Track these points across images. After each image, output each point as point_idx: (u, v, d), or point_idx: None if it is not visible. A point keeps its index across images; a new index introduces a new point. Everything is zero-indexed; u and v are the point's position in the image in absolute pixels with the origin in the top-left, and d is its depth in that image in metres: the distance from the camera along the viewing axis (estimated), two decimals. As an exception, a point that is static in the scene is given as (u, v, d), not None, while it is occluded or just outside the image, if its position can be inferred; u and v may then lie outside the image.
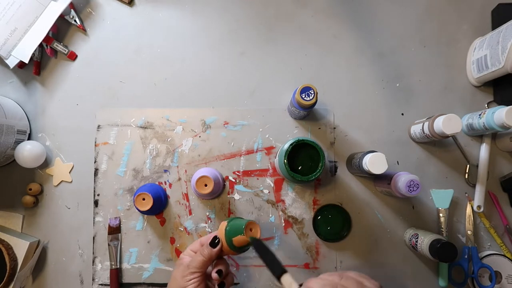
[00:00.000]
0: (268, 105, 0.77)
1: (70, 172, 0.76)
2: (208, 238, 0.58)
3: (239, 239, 0.56)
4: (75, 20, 0.77)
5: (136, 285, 0.74)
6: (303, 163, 0.64)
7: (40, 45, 0.75)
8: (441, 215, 0.72)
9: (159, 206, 0.73)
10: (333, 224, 0.73)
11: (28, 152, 0.71)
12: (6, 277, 0.69)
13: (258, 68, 0.78)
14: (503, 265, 0.70)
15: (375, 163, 0.62)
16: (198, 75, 0.78)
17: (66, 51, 0.77)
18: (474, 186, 0.74)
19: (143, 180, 0.76)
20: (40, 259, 0.75)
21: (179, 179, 0.75)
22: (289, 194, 0.75)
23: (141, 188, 0.72)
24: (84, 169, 0.76)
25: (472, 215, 0.73)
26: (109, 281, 0.73)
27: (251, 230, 0.56)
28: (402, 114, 0.76)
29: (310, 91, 0.66)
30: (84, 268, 0.75)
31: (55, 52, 0.78)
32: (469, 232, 0.73)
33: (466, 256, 0.71)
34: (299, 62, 0.78)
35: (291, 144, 0.62)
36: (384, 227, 0.74)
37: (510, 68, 0.64)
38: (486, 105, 0.75)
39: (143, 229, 0.75)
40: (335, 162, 0.75)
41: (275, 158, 0.73)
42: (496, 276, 0.69)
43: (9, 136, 0.70)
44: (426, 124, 0.67)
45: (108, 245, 0.74)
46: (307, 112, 0.71)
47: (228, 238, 0.56)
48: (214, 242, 0.56)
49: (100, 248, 0.75)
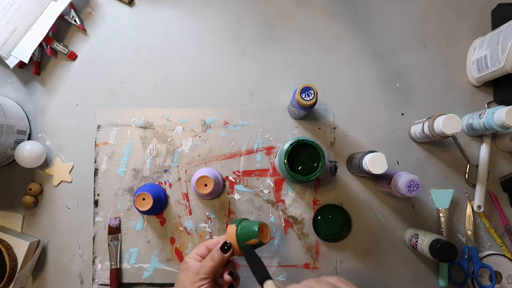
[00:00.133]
0: (268, 105, 0.77)
1: (70, 172, 0.76)
2: (215, 243, 0.57)
3: (252, 243, 0.56)
4: (75, 20, 0.77)
5: (136, 285, 0.74)
6: (303, 163, 0.64)
7: (40, 45, 0.75)
8: (441, 215, 0.72)
9: (159, 206, 0.73)
10: (333, 224, 0.73)
11: (28, 152, 0.71)
12: (6, 277, 0.69)
13: (258, 68, 0.78)
14: (503, 265, 0.70)
15: (375, 163, 0.62)
16: (198, 75, 0.78)
17: (66, 51, 0.77)
18: (474, 186, 0.74)
19: (143, 180, 0.76)
20: (40, 259, 0.75)
21: (179, 179, 0.75)
22: (289, 194, 0.75)
23: (141, 188, 0.72)
24: (84, 169, 0.76)
25: (472, 215, 0.73)
26: (109, 281, 0.73)
27: (262, 232, 0.57)
28: (402, 114, 0.76)
29: (310, 91, 0.66)
30: (84, 268, 0.75)
31: (55, 52, 0.78)
32: (469, 232, 0.73)
33: (466, 256, 0.71)
34: (299, 62, 0.78)
35: (291, 144, 0.62)
36: (384, 227, 0.74)
37: (510, 68, 0.64)
38: (486, 105, 0.75)
39: (143, 229, 0.75)
40: (335, 162, 0.75)
41: (275, 158, 0.73)
42: (496, 276, 0.69)
43: (9, 136, 0.70)
44: (426, 124, 0.67)
45: (108, 245, 0.74)
46: (307, 112, 0.71)
47: (241, 242, 0.56)
48: (225, 248, 0.55)
49: (100, 248, 0.75)
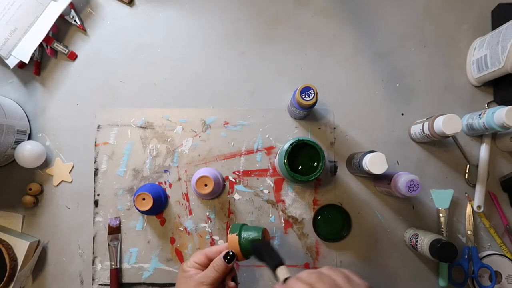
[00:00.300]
0: (268, 105, 0.77)
1: (70, 172, 0.76)
2: (214, 252, 0.57)
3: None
4: (75, 20, 0.77)
5: (136, 285, 0.74)
6: (303, 163, 0.64)
7: (40, 45, 0.75)
8: (441, 215, 0.72)
9: (159, 206, 0.73)
10: (333, 224, 0.73)
11: (28, 152, 0.71)
12: (6, 277, 0.69)
13: (258, 68, 0.78)
14: (503, 265, 0.70)
15: (375, 163, 0.62)
16: (198, 75, 0.78)
17: (66, 51, 0.77)
18: (474, 186, 0.74)
19: (143, 180, 0.76)
20: (40, 259, 0.75)
21: (179, 179, 0.75)
22: (289, 194, 0.75)
23: (141, 188, 0.72)
24: (84, 169, 0.76)
25: (472, 215, 0.73)
26: (109, 281, 0.73)
27: (264, 238, 0.58)
28: (402, 114, 0.76)
29: (310, 91, 0.66)
30: (84, 268, 0.75)
31: (55, 52, 0.78)
32: (469, 232, 0.73)
33: (466, 256, 0.71)
34: (299, 62, 0.78)
35: (291, 144, 0.62)
36: (384, 227, 0.74)
37: (510, 68, 0.64)
38: (486, 105, 0.75)
39: (143, 229, 0.75)
40: (335, 162, 0.75)
41: (275, 158, 0.73)
42: (496, 276, 0.69)
43: (9, 136, 0.70)
44: (426, 124, 0.67)
45: (108, 245, 0.74)
46: (307, 112, 0.71)
47: (244, 250, 0.57)
48: (228, 257, 0.56)
49: (100, 248, 0.74)
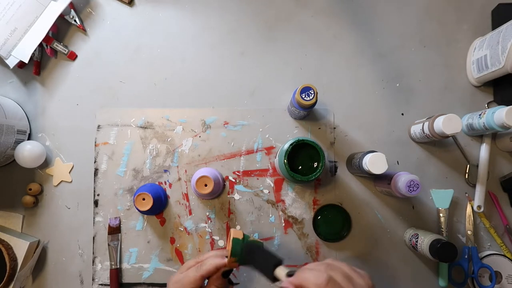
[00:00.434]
0: (268, 105, 0.77)
1: (70, 172, 0.76)
2: (202, 269, 0.55)
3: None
4: (75, 20, 0.77)
5: (136, 285, 0.74)
6: (303, 163, 0.64)
7: (40, 45, 0.75)
8: (441, 215, 0.72)
9: (159, 206, 0.73)
10: (333, 224, 0.73)
11: (28, 152, 0.71)
12: (6, 277, 0.69)
13: (258, 68, 0.78)
14: (503, 265, 0.70)
15: (375, 163, 0.62)
16: (198, 75, 0.78)
17: (66, 51, 0.77)
18: (474, 186, 0.74)
19: (143, 180, 0.76)
20: (40, 259, 0.75)
21: (179, 179, 0.75)
22: (289, 194, 0.75)
23: (141, 188, 0.72)
24: (84, 169, 0.76)
25: (472, 215, 0.73)
26: (109, 281, 0.73)
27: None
28: (402, 114, 0.76)
29: (310, 91, 0.66)
30: (84, 268, 0.75)
31: (55, 52, 0.78)
32: (469, 232, 0.73)
33: (466, 256, 0.71)
34: (299, 62, 0.78)
35: (291, 144, 0.62)
36: (384, 227, 0.74)
37: (510, 68, 0.64)
38: (486, 105, 0.75)
39: (143, 229, 0.75)
40: (335, 162, 0.75)
41: (275, 158, 0.73)
42: (496, 276, 0.69)
43: (9, 136, 0.70)
44: (426, 124, 0.67)
45: (108, 245, 0.74)
46: (307, 112, 0.71)
47: (235, 252, 0.55)
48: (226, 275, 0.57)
49: (100, 248, 0.74)
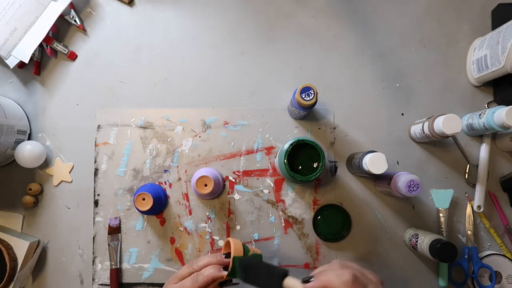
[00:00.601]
0: (268, 105, 0.77)
1: (70, 172, 0.76)
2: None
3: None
4: (75, 20, 0.77)
5: (136, 285, 0.74)
6: (303, 163, 0.64)
7: (40, 45, 0.75)
8: (441, 215, 0.72)
9: (159, 206, 0.73)
10: (333, 224, 0.73)
11: (28, 152, 0.71)
12: (6, 277, 0.69)
13: (258, 68, 0.78)
14: (503, 265, 0.70)
15: (375, 163, 0.62)
16: (198, 75, 0.78)
17: (66, 51, 0.77)
18: (474, 186, 0.74)
19: (143, 180, 0.76)
20: (40, 259, 0.75)
21: (179, 179, 0.75)
22: (289, 194, 0.75)
23: (141, 188, 0.72)
24: (84, 169, 0.76)
25: (472, 215, 0.73)
26: (109, 281, 0.73)
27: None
28: (402, 114, 0.76)
29: (310, 91, 0.66)
30: (84, 268, 0.75)
31: (55, 52, 0.78)
32: (469, 232, 0.73)
33: (466, 256, 0.71)
34: (299, 62, 0.78)
35: (291, 144, 0.62)
36: (384, 227, 0.74)
37: (510, 68, 0.64)
38: (486, 105, 0.75)
39: (143, 229, 0.75)
40: (335, 162, 0.75)
41: (275, 158, 0.73)
42: (496, 276, 0.69)
43: (9, 136, 0.70)
44: (426, 124, 0.67)
45: (108, 245, 0.74)
46: (307, 112, 0.71)
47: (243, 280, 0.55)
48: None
49: (100, 248, 0.74)
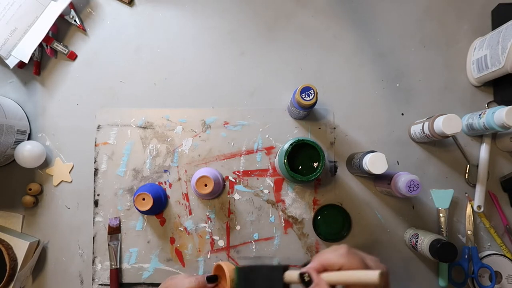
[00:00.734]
0: (268, 105, 0.77)
1: (70, 172, 0.76)
2: None
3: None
4: (75, 20, 0.77)
5: (136, 285, 0.74)
6: (303, 163, 0.64)
7: (40, 45, 0.75)
8: (441, 215, 0.72)
9: (159, 206, 0.73)
10: (333, 224, 0.73)
11: (28, 152, 0.71)
12: (6, 277, 0.69)
13: (258, 68, 0.78)
14: (503, 265, 0.70)
15: (375, 163, 0.62)
16: (198, 75, 0.78)
17: (66, 51, 0.77)
18: (474, 186, 0.74)
19: (143, 180, 0.76)
20: (40, 259, 0.75)
21: (179, 179, 0.75)
22: (289, 194, 0.75)
23: (141, 188, 0.72)
24: (84, 169, 0.76)
25: (472, 215, 0.73)
26: (109, 281, 0.73)
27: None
28: (402, 114, 0.76)
29: (310, 91, 0.66)
30: (84, 268, 0.75)
31: (55, 52, 0.78)
32: (469, 232, 0.73)
33: (466, 256, 0.71)
34: (299, 62, 0.78)
35: (291, 144, 0.62)
36: (384, 227, 0.74)
37: (510, 68, 0.64)
38: (486, 105, 0.75)
39: (143, 229, 0.75)
40: (335, 162, 0.75)
41: (275, 158, 0.73)
42: (496, 276, 0.69)
43: (9, 136, 0.70)
44: (426, 124, 0.67)
45: (108, 245, 0.74)
46: (307, 112, 0.71)
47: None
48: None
49: (100, 248, 0.74)
